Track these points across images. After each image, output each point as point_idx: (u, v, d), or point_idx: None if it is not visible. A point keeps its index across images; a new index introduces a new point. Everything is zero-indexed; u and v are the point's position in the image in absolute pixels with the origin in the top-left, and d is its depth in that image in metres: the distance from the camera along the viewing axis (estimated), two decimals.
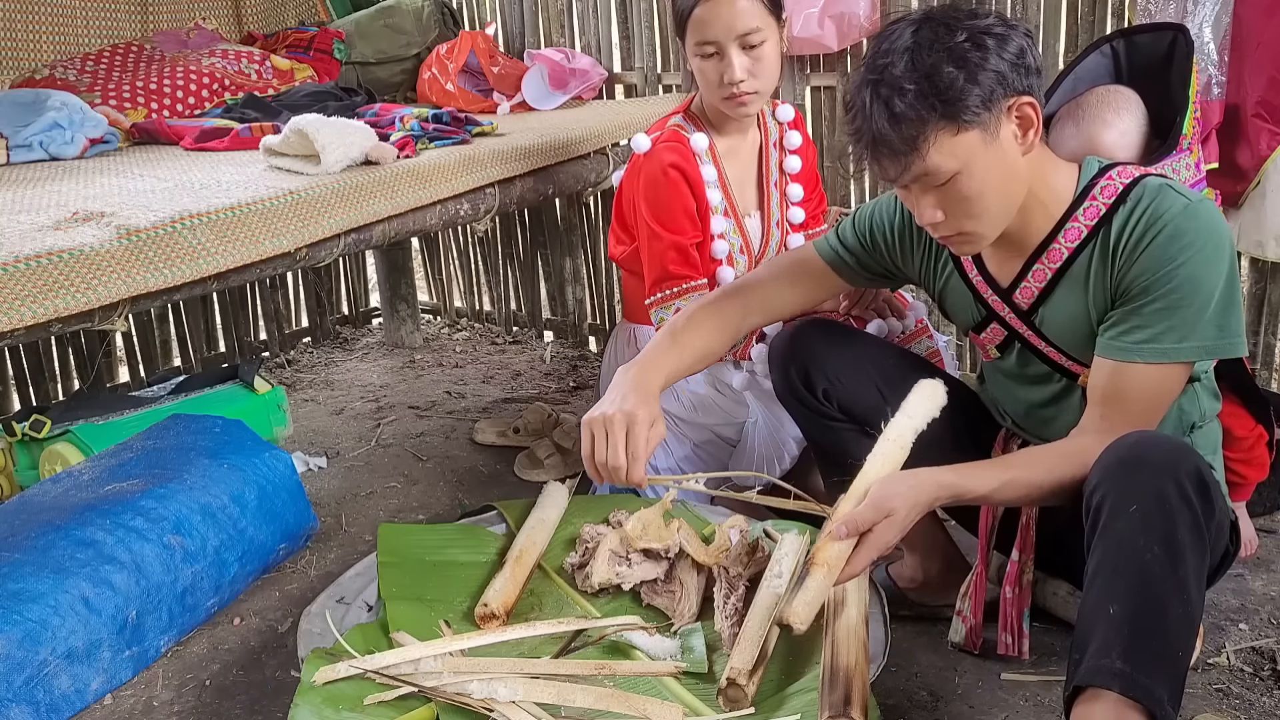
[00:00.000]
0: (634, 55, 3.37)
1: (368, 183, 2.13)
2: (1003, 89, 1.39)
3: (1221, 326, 1.41)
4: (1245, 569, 2.00)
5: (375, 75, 3.39)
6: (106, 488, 2.06)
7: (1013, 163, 1.44)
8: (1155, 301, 1.42)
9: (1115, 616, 1.29)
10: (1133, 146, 1.79)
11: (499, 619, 1.74)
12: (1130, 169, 1.51)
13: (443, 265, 4.06)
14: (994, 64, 1.38)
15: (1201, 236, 1.40)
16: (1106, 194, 1.48)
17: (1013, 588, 1.66)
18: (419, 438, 2.94)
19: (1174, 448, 1.38)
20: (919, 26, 1.41)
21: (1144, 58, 1.88)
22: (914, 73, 1.37)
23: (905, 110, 1.37)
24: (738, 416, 2.22)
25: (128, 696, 1.84)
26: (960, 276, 1.67)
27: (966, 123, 1.38)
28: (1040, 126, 1.45)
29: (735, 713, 1.50)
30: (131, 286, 1.74)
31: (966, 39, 1.38)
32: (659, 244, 2.11)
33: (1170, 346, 1.42)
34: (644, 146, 2.14)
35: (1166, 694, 1.26)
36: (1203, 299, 1.40)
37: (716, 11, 1.99)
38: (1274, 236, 2.42)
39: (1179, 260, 1.40)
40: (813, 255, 1.79)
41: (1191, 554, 1.31)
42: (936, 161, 1.39)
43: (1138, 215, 1.45)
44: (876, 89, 1.40)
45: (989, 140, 1.40)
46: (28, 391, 3.11)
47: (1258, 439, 1.72)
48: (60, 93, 2.59)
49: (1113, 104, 1.81)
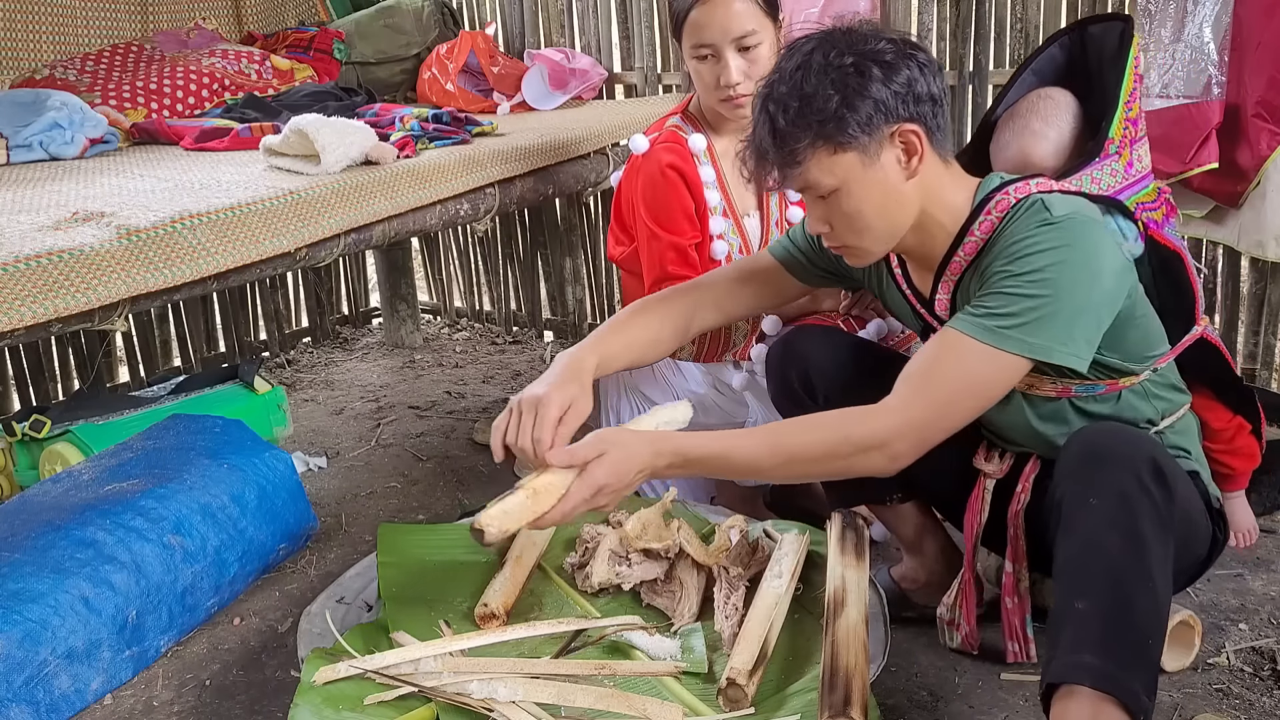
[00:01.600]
0: (634, 55, 3.37)
1: (368, 183, 2.13)
2: (883, 116, 1.43)
3: (1057, 335, 1.40)
4: (1245, 569, 2.00)
5: (375, 75, 3.39)
6: (106, 488, 2.06)
7: (894, 185, 1.47)
8: (996, 289, 1.43)
9: (1083, 612, 1.32)
10: (1064, 153, 1.80)
11: (499, 619, 1.74)
12: (1029, 184, 1.51)
13: (443, 265, 4.06)
14: (875, 91, 1.42)
15: (1052, 243, 1.40)
16: (999, 209, 1.50)
17: (1012, 597, 1.67)
18: (419, 438, 2.94)
19: (1130, 439, 1.41)
20: (815, 47, 1.45)
21: (1098, 49, 1.88)
22: (798, 93, 1.43)
23: (786, 127, 1.44)
24: (738, 416, 2.22)
25: (128, 696, 1.84)
26: (896, 287, 1.70)
27: (843, 144, 1.43)
28: (926, 153, 1.47)
29: (735, 713, 1.50)
30: (131, 286, 1.74)
31: (852, 64, 1.43)
32: (658, 245, 2.11)
33: (1001, 330, 1.40)
34: (642, 147, 2.14)
35: (1140, 685, 1.28)
36: (1043, 299, 1.39)
37: (712, 15, 1.99)
38: (1274, 236, 2.42)
39: (1024, 259, 1.41)
40: (765, 255, 1.81)
41: (1155, 544, 1.33)
42: (815, 176, 1.45)
43: (1009, 227, 1.47)
44: (765, 104, 1.47)
45: (868, 163, 1.45)
46: (28, 391, 3.11)
47: (1238, 429, 1.71)
48: (60, 93, 2.59)
49: (1041, 113, 1.82)
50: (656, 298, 1.79)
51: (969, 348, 1.42)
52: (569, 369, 1.62)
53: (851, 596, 1.60)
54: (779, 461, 1.47)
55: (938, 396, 1.43)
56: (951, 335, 1.44)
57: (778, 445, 1.47)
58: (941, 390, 1.43)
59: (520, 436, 1.52)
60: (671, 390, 2.25)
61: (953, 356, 1.43)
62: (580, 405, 1.58)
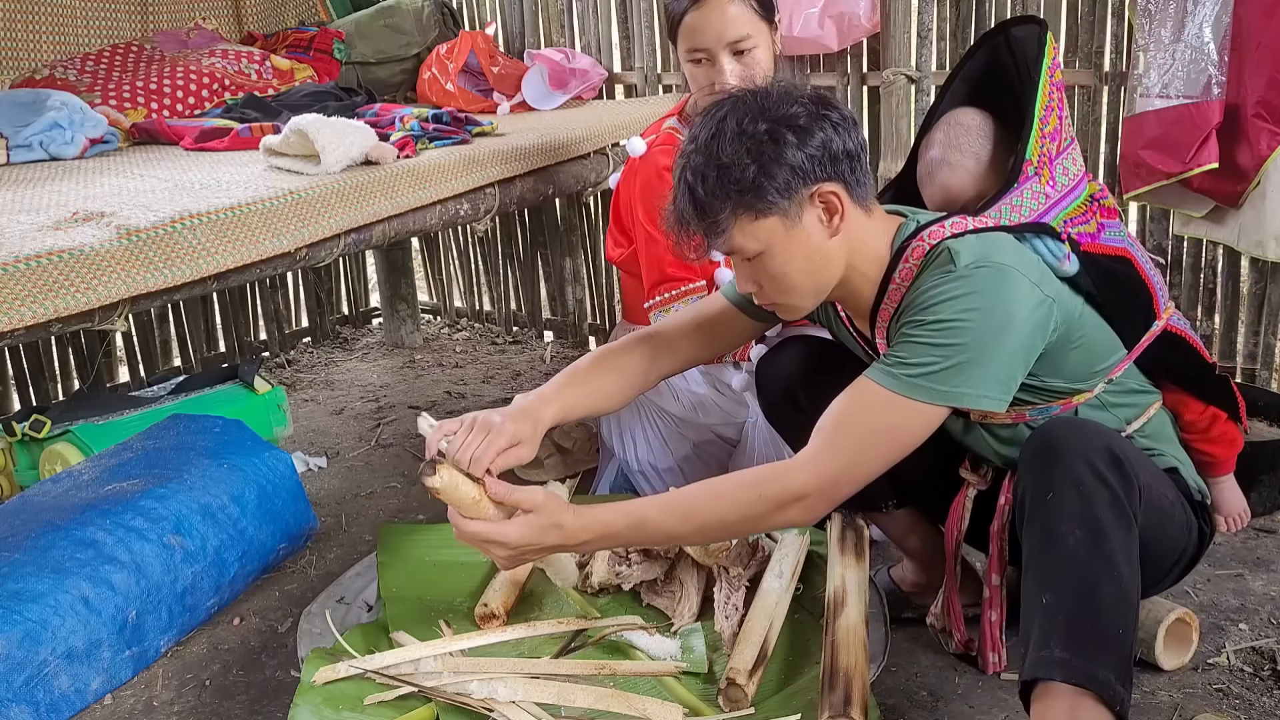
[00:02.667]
0: (634, 55, 3.37)
1: (368, 183, 2.13)
2: (801, 179, 1.43)
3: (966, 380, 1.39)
4: (1245, 569, 2.00)
5: (375, 75, 3.39)
6: (106, 488, 2.06)
7: (817, 245, 1.48)
8: (905, 339, 1.43)
9: (1049, 605, 1.33)
10: (984, 178, 1.75)
11: (499, 619, 1.74)
12: (945, 226, 1.51)
13: (443, 265, 4.06)
14: (790, 157, 1.42)
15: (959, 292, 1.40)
16: (916, 255, 1.50)
17: (995, 610, 1.68)
18: (419, 438, 2.93)
19: (1082, 430, 1.41)
20: (727, 113, 1.45)
21: (1023, 53, 1.80)
22: (715, 162, 1.43)
23: (705, 197, 1.44)
24: (738, 416, 2.22)
25: (128, 696, 1.84)
26: (844, 327, 1.71)
27: (763, 210, 1.43)
28: (847, 210, 1.47)
29: (735, 713, 1.50)
30: (131, 286, 1.74)
31: (766, 131, 1.42)
32: (656, 247, 2.11)
33: (908, 379, 1.40)
34: (639, 149, 2.14)
35: (1113, 674, 1.28)
36: (952, 348, 1.39)
37: (707, 19, 1.99)
38: (1274, 236, 2.42)
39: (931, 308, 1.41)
40: (718, 297, 1.78)
41: (1116, 531, 1.34)
42: (740, 242, 1.45)
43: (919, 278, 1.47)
44: (684, 174, 1.47)
45: (790, 225, 1.45)
46: (28, 391, 3.11)
47: (1212, 419, 1.70)
48: (60, 93, 2.59)
49: (954, 143, 1.77)
50: (616, 348, 1.76)
51: (879, 397, 1.42)
52: (525, 412, 1.60)
53: (851, 596, 1.60)
54: (695, 527, 1.48)
55: (848, 446, 1.42)
56: (863, 385, 1.44)
57: (690, 511, 1.46)
58: (851, 439, 1.42)
59: (463, 449, 1.51)
60: (672, 391, 2.25)
61: (863, 406, 1.43)
62: (523, 451, 1.57)
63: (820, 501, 1.42)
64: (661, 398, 2.27)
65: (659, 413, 2.30)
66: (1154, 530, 1.43)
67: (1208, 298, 2.71)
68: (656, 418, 2.30)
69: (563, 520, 1.45)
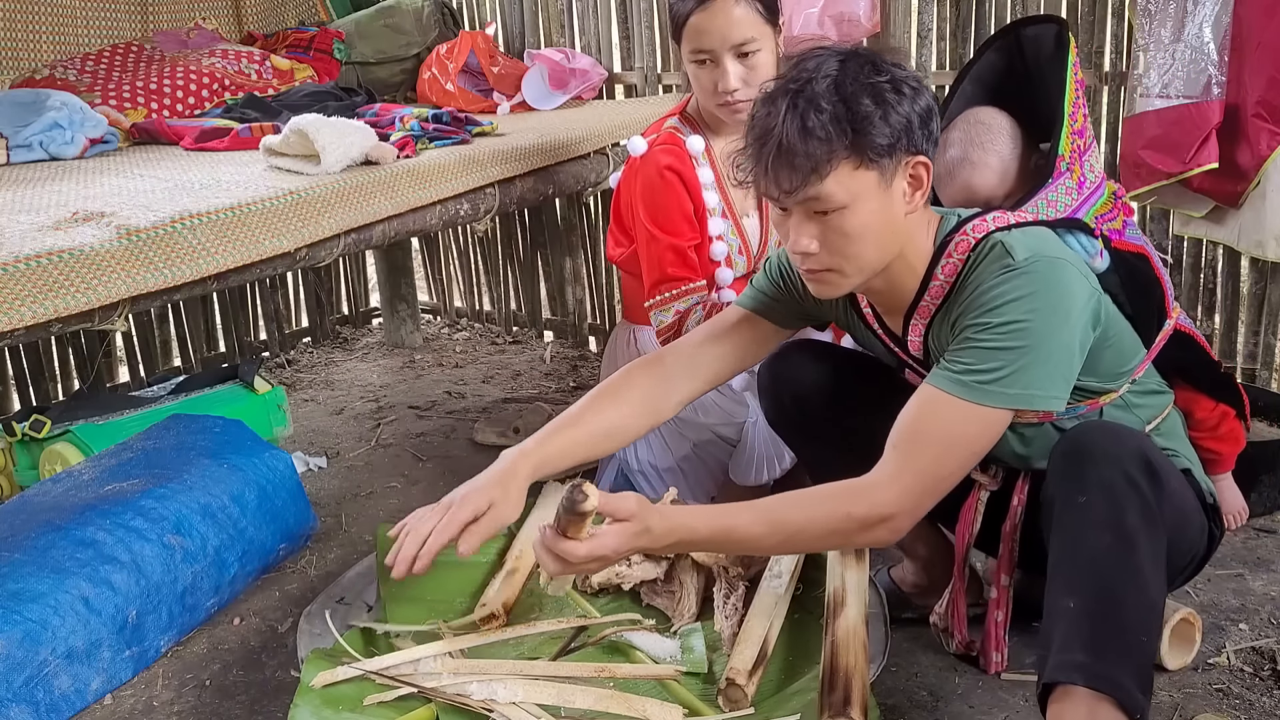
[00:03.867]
0: (634, 55, 3.37)
1: (368, 183, 2.13)
2: (906, 140, 1.41)
3: (1034, 381, 1.38)
4: (1245, 569, 2.00)
5: (375, 75, 3.39)
6: (106, 488, 2.06)
7: (895, 215, 1.45)
8: (973, 344, 1.41)
9: (1074, 610, 1.32)
10: (1010, 177, 1.75)
11: (499, 619, 1.74)
12: (988, 220, 1.50)
13: (443, 265, 4.06)
14: (906, 112, 1.40)
15: (1023, 291, 1.39)
16: (960, 249, 1.49)
17: (1000, 611, 1.67)
18: (419, 438, 2.94)
19: (1116, 435, 1.40)
20: (846, 59, 1.42)
21: (1036, 52, 1.81)
22: (835, 95, 1.38)
23: (817, 128, 1.37)
24: (737, 416, 2.22)
25: (128, 696, 1.84)
26: (866, 326, 1.68)
27: (869, 160, 1.39)
28: (927, 190, 1.46)
29: (735, 713, 1.50)
30: (131, 286, 1.74)
31: (888, 81, 1.40)
32: (656, 246, 2.11)
33: (980, 386, 1.38)
34: (640, 149, 2.14)
35: (1133, 682, 1.28)
36: (1019, 350, 1.38)
37: (712, 21, 1.99)
38: (1274, 236, 2.42)
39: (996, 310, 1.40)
40: (734, 309, 1.74)
41: (1145, 539, 1.33)
42: (831, 189, 1.39)
43: (969, 275, 1.46)
44: (795, 99, 1.39)
45: (882, 186, 1.41)
46: (28, 391, 3.11)
47: (1222, 416, 1.71)
48: (60, 93, 2.59)
49: (977, 141, 1.76)
50: (616, 380, 1.69)
51: (952, 407, 1.40)
52: (499, 474, 1.57)
53: (851, 596, 1.60)
54: (781, 539, 1.44)
55: (928, 461, 1.40)
56: (932, 394, 1.42)
57: (779, 523, 1.41)
58: (929, 453, 1.40)
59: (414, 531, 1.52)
60: None
61: (935, 417, 1.41)
62: (501, 511, 1.54)
63: (906, 520, 1.40)
64: None
65: None
66: (1174, 534, 1.42)
67: (1208, 298, 2.71)
68: None
69: (650, 524, 1.39)
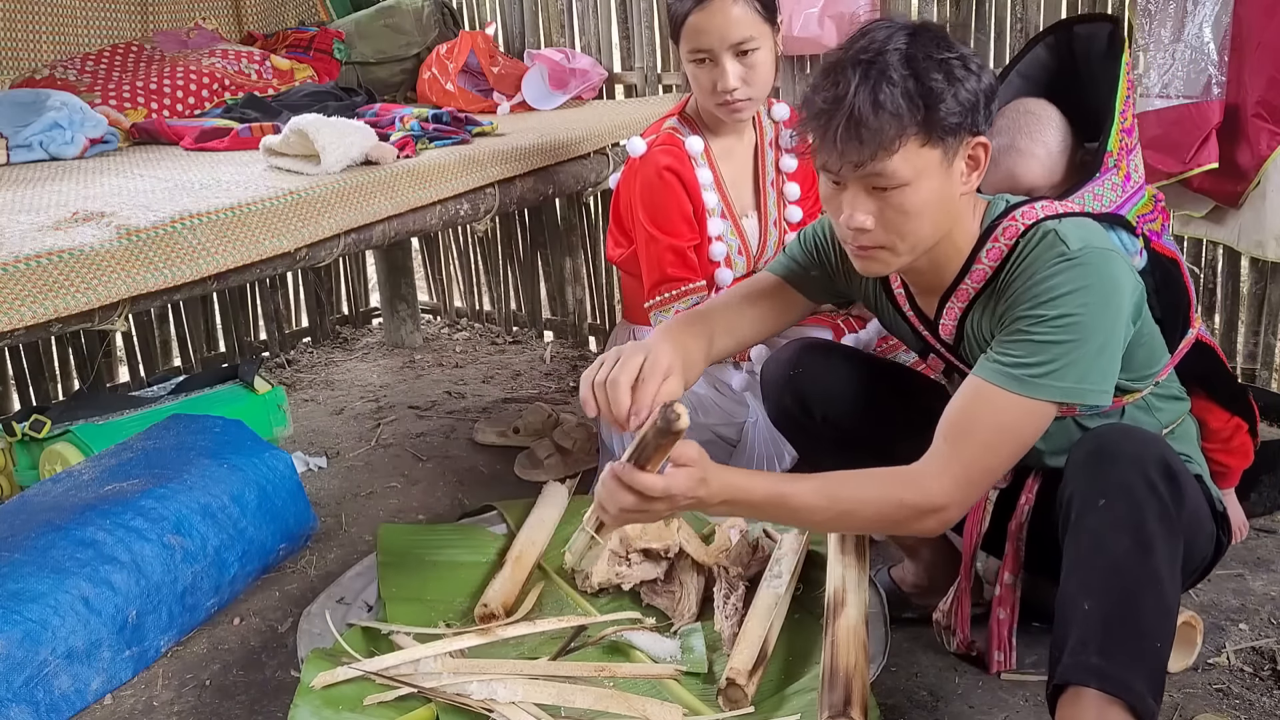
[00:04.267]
0: (634, 55, 3.37)
1: (368, 183, 2.13)
2: (971, 119, 1.39)
3: (1085, 375, 1.38)
4: (1245, 569, 2.00)
5: (375, 75, 3.39)
6: (106, 488, 2.06)
7: (952, 195, 1.43)
8: (1025, 336, 1.40)
9: (1090, 612, 1.31)
10: (1056, 169, 1.76)
11: (499, 619, 1.74)
12: (1036, 208, 1.49)
13: (443, 265, 4.06)
14: (973, 88, 1.38)
15: (1078, 284, 1.38)
16: (1008, 235, 1.47)
17: (1005, 609, 1.67)
18: (419, 438, 2.94)
19: (1140, 439, 1.40)
20: (915, 32, 1.39)
21: (1085, 50, 1.83)
22: (907, 70, 1.35)
23: (888, 101, 1.33)
24: (737, 417, 2.22)
25: (128, 696, 1.84)
26: (895, 308, 1.66)
27: (936, 138, 1.37)
28: (984, 172, 1.45)
29: (735, 712, 1.50)
30: (131, 286, 1.74)
31: (958, 58, 1.38)
32: (656, 247, 2.11)
33: (1031, 380, 1.38)
34: (639, 150, 2.14)
35: (1146, 687, 1.28)
36: (1072, 343, 1.37)
37: (711, 20, 1.99)
38: (1274, 236, 2.42)
39: (1051, 302, 1.38)
40: (766, 275, 1.74)
41: (1163, 544, 1.32)
42: (897, 165, 1.36)
43: (1019, 262, 1.44)
44: (867, 70, 1.35)
45: (944, 165, 1.39)
46: (28, 391, 3.11)
47: (1235, 429, 1.71)
48: (60, 93, 2.59)
49: (1026, 130, 1.76)
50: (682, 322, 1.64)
51: (1001, 399, 1.38)
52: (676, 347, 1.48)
53: (851, 596, 1.60)
54: (834, 515, 1.39)
55: (976, 452, 1.38)
56: (981, 387, 1.40)
57: (835, 497, 1.38)
58: (977, 445, 1.39)
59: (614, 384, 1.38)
60: None
61: (986, 410, 1.39)
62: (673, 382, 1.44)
63: (956, 511, 1.39)
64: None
65: None
66: (1189, 540, 1.42)
67: (1208, 298, 2.71)
68: None
69: (709, 475, 1.33)
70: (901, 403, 1.73)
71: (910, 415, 1.72)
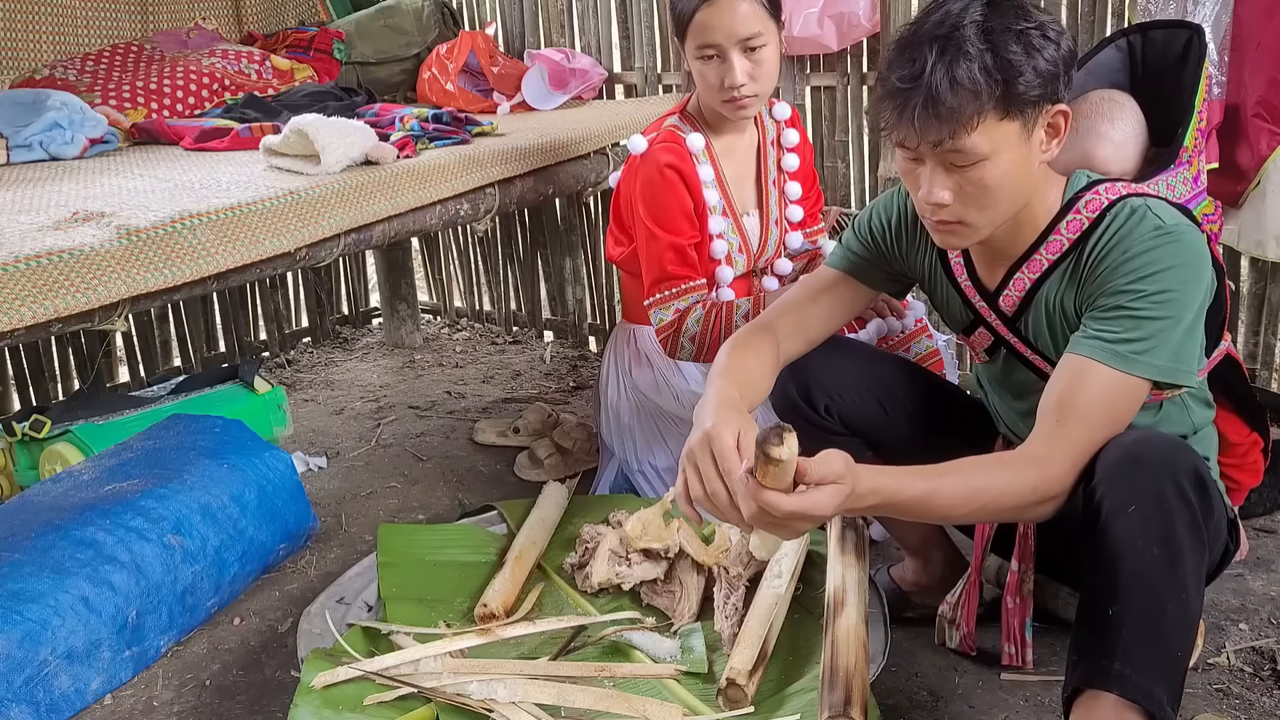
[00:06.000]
0: (634, 55, 3.37)
1: (368, 183, 2.13)
2: (1050, 89, 1.36)
3: (1178, 353, 1.38)
4: (1245, 569, 2.00)
5: (375, 75, 3.39)
6: (106, 488, 2.06)
7: (1031, 165, 1.41)
8: (1125, 312, 1.38)
9: (1114, 618, 1.30)
10: (1129, 158, 1.76)
11: (499, 619, 1.74)
12: (1118, 186, 1.48)
13: (443, 265, 4.06)
14: (1051, 57, 1.35)
15: (1175, 260, 1.37)
16: (1091, 208, 1.46)
17: (1014, 598, 1.66)
18: (419, 438, 2.94)
19: (1172, 446, 1.38)
20: (991, 2, 1.36)
21: (1158, 55, 1.85)
22: (983, 43, 1.32)
23: (966, 78, 1.31)
24: None
25: (128, 696, 1.84)
26: (949, 279, 1.65)
27: (1015, 112, 1.34)
28: (1064, 139, 1.42)
29: (735, 712, 1.50)
30: (131, 286, 1.74)
31: (1036, 27, 1.35)
32: (656, 245, 2.11)
33: (1133, 356, 1.37)
34: (640, 148, 2.14)
35: (1166, 695, 1.26)
36: (1169, 320, 1.37)
37: (718, 16, 1.99)
38: (1274, 236, 2.42)
39: (1151, 277, 1.38)
40: (826, 270, 1.73)
41: (1190, 554, 1.31)
42: (975, 141, 1.34)
43: (1110, 235, 1.42)
44: (944, 47, 1.33)
45: (1024, 137, 1.37)
46: (28, 391, 3.11)
47: (1252, 445, 1.71)
48: (60, 93, 2.59)
49: (1107, 114, 1.77)
50: (741, 339, 1.61)
51: (1105, 375, 1.37)
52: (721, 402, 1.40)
53: (851, 596, 1.60)
54: (972, 510, 1.35)
55: (1084, 431, 1.36)
56: (1083, 364, 1.38)
57: (976, 490, 1.33)
58: (1085, 424, 1.37)
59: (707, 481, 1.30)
60: (672, 390, 2.25)
61: (1092, 388, 1.37)
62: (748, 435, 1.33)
63: (1066, 496, 1.37)
64: (661, 397, 2.27)
65: (659, 413, 2.30)
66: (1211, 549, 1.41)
67: None
68: (656, 418, 2.31)
69: (858, 486, 1.27)
70: (905, 395, 1.73)
71: (913, 408, 1.73)
